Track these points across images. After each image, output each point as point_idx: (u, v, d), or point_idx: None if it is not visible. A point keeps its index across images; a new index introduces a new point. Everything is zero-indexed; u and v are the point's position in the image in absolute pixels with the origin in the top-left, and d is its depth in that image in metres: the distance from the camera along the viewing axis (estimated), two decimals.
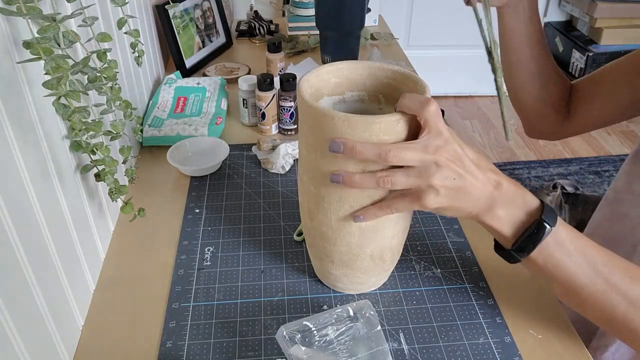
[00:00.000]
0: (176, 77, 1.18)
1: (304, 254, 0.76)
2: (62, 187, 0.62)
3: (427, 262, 0.74)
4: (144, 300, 0.69)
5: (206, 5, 1.39)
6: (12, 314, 0.48)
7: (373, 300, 0.69)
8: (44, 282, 0.56)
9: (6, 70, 0.52)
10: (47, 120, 0.60)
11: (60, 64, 0.54)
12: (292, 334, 0.56)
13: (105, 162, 0.65)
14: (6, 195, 0.49)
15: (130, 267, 0.75)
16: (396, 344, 0.63)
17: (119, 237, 0.80)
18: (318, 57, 1.39)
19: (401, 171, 0.53)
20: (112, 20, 0.87)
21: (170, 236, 0.80)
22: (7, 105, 0.51)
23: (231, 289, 0.70)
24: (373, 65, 0.63)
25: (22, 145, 0.53)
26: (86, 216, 0.70)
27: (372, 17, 1.67)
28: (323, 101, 0.64)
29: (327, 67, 0.62)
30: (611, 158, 2.38)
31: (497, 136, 2.57)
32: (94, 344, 0.64)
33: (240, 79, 1.05)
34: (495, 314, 0.66)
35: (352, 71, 0.63)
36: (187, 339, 0.64)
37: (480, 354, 0.62)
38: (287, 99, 1.02)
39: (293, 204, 0.86)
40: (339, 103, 0.65)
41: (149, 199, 0.87)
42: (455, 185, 0.53)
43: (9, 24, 0.52)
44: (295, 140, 0.99)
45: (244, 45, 1.54)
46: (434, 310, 0.67)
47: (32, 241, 0.54)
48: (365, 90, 0.64)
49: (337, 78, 0.63)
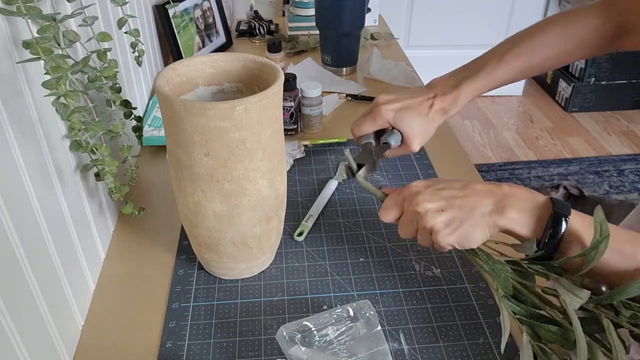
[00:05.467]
0: None
1: (304, 254, 0.76)
2: (62, 186, 0.62)
3: (427, 262, 0.74)
4: (144, 300, 0.69)
5: (206, 5, 1.39)
6: (12, 314, 0.48)
7: (373, 300, 0.69)
8: (44, 282, 0.56)
9: (6, 70, 0.51)
10: (47, 119, 0.60)
11: (60, 64, 0.54)
12: (292, 334, 0.56)
13: (105, 161, 0.65)
14: (6, 195, 0.49)
15: (130, 267, 0.75)
16: (396, 344, 0.63)
17: (119, 237, 0.80)
18: (318, 57, 1.39)
19: (399, 223, 0.62)
20: (112, 20, 0.87)
21: (170, 236, 0.80)
22: (7, 105, 0.50)
23: (231, 289, 0.70)
24: (246, 57, 0.65)
25: (22, 144, 0.53)
26: (86, 216, 0.70)
27: (372, 17, 1.67)
28: (199, 90, 0.66)
29: (201, 57, 0.65)
30: (611, 158, 2.38)
31: (497, 136, 2.57)
32: (94, 344, 0.64)
33: None
34: (495, 314, 0.66)
35: (228, 62, 0.66)
36: (187, 339, 0.64)
37: (480, 354, 0.62)
38: (286, 99, 1.01)
39: (293, 204, 0.86)
40: (218, 93, 0.67)
41: (149, 199, 0.87)
42: (449, 215, 0.56)
43: (9, 24, 0.52)
44: (295, 140, 0.99)
45: (244, 45, 1.54)
46: (434, 310, 0.67)
47: (32, 241, 0.54)
48: (242, 81, 0.67)
49: (212, 69, 0.65)
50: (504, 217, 0.55)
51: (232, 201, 0.62)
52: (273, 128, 0.61)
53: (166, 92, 0.56)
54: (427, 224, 0.57)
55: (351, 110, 1.16)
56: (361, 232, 0.80)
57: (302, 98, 1.03)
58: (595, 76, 2.65)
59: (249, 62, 0.65)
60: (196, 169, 0.59)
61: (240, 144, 0.58)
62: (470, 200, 0.57)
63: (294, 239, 0.79)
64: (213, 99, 0.67)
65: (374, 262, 0.74)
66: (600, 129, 2.62)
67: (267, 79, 0.63)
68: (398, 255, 0.76)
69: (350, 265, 0.74)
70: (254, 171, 0.61)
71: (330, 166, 0.96)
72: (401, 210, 0.61)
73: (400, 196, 0.61)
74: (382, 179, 0.92)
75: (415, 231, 0.60)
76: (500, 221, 0.56)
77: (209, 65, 0.65)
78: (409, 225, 0.60)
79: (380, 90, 1.24)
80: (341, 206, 0.86)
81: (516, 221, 0.55)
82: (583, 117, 2.73)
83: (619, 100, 2.73)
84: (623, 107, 2.76)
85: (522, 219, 0.55)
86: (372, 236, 0.79)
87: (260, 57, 0.64)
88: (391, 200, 0.62)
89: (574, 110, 2.75)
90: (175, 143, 0.59)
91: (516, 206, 0.56)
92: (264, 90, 0.57)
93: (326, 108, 1.13)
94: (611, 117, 2.72)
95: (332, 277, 0.72)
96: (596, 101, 2.73)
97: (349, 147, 0.87)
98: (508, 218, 0.55)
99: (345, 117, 1.13)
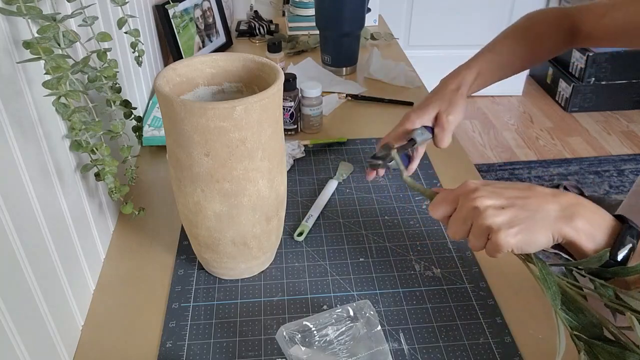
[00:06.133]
0: None
1: (304, 254, 0.76)
2: (62, 186, 0.62)
3: (427, 262, 0.74)
4: (144, 300, 0.69)
5: (206, 5, 1.39)
6: (12, 314, 0.48)
7: (373, 300, 0.69)
8: (44, 282, 0.56)
9: (6, 70, 0.51)
10: (47, 119, 0.60)
11: (60, 64, 0.54)
12: (292, 334, 0.56)
13: (105, 161, 0.65)
14: (6, 195, 0.49)
15: (130, 267, 0.75)
16: (396, 344, 0.63)
17: (119, 237, 0.80)
18: (318, 57, 1.39)
19: (450, 220, 0.56)
20: (112, 20, 0.87)
21: (170, 236, 0.80)
22: (7, 105, 0.51)
23: (231, 289, 0.70)
24: (246, 57, 0.65)
25: (22, 144, 0.53)
26: (86, 216, 0.70)
27: (372, 17, 1.67)
28: (199, 90, 0.66)
29: (201, 57, 0.64)
30: (611, 158, 2.38)
31: (497, 136, 2.57)
32: (94, 344, 0.64)
33: None
34: (495, 314, 0.66)
35: (228, 62, 0.65)
36: (187, 339, 0.64)
37: (480, 354, 0.62)
38: (286, 99, 1.01)
39: (293, 203, 0.86)
40: (218, 93, 0.67)
41: (149, 199, 0.87)
42: (511, 214, 0.51)
43: (9, 24, 0.52)
44: (295, 140, 0.99)
45: (244, 45, 1.54)
46: (434, 310, 0.67)
47: (32, 241, 0.54)
48: (242, 81, 0.66)
49: (212, 69, 0.65)
50: (572, 227, 0.50)
51: (232, 201, 0.62)
52: (273, 128, 0.61)
53: (166, 92, 0.56)
54: (486, 221, 0.51)
55: (351, 110, 1.16)
56: (361, 232, 0.80)
57: (302, 98, 1.03)
58: (595, 76, 2.65)
59: (249, 62, 0.65)
60: (196, 169, 0.59)
61: (240, 144, 0.58)
62: (534, 201, 0.52)
63: (294, 239, 0.79)
64: (213, 99, 0.67)
65: (374, 262, 0.74)
66: (600, 129, 2.62)
67: (267, 79, 0.63)
68: (398, 255, 0.76)
69: (350, 265, 0.74)
70: (254, 171, 0.61)
71: (330, 166, 0.96)
72: (454, 206, 0.56)
73: (454, 193, 0.56)
74: (382, 179, 0.92)
75: (468, 231, 0.54)
76: (566, 230, 0.50)
77: (209, 65, 0.65)
78: (462, 223, 0.54)
79: (380, 90, 1.24)
80: (341, 206, 0.86)
81: (584, 232, 0.50)
82: (583, 117, 2.73)
83: (619, 100, 2.73)
84: (623, 107, 2.76)
85: (590, 230, 0.50)
86: (372, 236, 0.79)
87: (260, 57, 0.64)
88: (444, 195, 0.57)
89: (574, 110, 2.75)
90: (175, 143, 0.59)
91: (585, 216, 0.51)
92: (264, 90, 0.57)
93: (326, 108, 1.13)
94: (611, 117, 2.72)
95: (332, 277, 0.72)
96: (596, 101, 2.73)
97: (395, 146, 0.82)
98: (576, 228, 0.50)
99: (345, 117, 1.13)
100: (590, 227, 0.50)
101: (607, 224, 0.51)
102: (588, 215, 0.51)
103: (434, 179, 0.91)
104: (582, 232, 0.50)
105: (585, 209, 0.51)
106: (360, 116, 1.13)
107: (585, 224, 0.50)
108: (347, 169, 0.94)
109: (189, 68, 0.64)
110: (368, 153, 0.99)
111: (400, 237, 0.79)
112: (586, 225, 0.50)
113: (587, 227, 0.50)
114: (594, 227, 0.51)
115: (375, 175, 0.77)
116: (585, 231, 0.50)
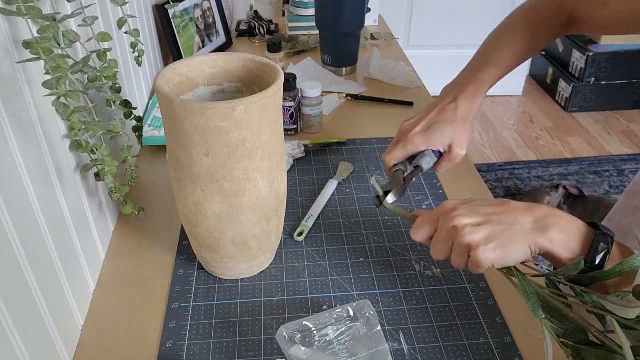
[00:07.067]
0: None
1: (304, 254, 0.76)
2: (62, 186, 0.62)
3: (427, 262, 0.74)
4: (144, 300, 0.69)
5: (206, 5, 1.39)
6: (12, 314, 0.48)
7: (373, 300, 0.69)
8: (44, 282, 0.56)
9: (6, 70, 0.51)
10: (47, 119, 0.60)
11: (60, 64, 0.54)
12: (292, 334, 0.56)
13: (105, 161, 0.65)
14: (6, 195, 0.49)
15: (130, 267, 0.75)
16: (396, 344, 0.63)
17: (119, 237, 0.80)
18: (318, 57, 1.39)
19: (432, 241, 0.58)
20: (112, 20, 0.87)
21: (170, 236, 0.80)
22: (7, 105, 0.51)
23: (231, 289, 0.70)
24: (246, 57, 0.65)
25: (22, 144, 0.53)
26: (86, 216, 0.70)
27: (372, 17, 1.67)
28: (199, 90, 0.66)
29: (201, 57, 0.64)
30: (611, 158, 2.38)
31: (497, 136, 2.57)
32: (94, 344, 0.64)
33: None
34: (495, 314, 0.66)
35: (228, 62, 0.65)
36: (187, 339, 0.64)
37: (480, 354, 0.62)
38: (286, 99, 1.01)
39: (293, 203, 0.86)
40: (218, 93, 0.67)
41: (149, 199, 0.87)
42: (488, 230, 0.53)
43: (9, 24, 0.52)
44: (295, 140, 0.99)
45: (244, 45, 1.54)
46: (434, 310, 0.67)
47: (32, 241, 0.54)
48: (242, 81, 0.66)
49: (212, 69, 0.65)
50: (546, 238, 0.52)
51: (232, 201, 0.62)
52: (273, 128, 0.61)
53: (166, 92, 0.56)
54: (465, 239, 0.53)
55: (351, 110, 1.16)
56: (361, 232, 0.80)
57: (302, 98, 1.03)
58: (595, 76, 2.65)
59: (249, 62, 0.65)
60: (196, 169, 0.59)
61: (240, 144, 0.58)
62: (509, 216, 0.54)
63: (294, 239, 0.79)
64: (213, 99, 0.67)
65: (374, 262, 0.74)
66: (600, 129, 2.62)
67: (267, 79, 0.63)
68: (398, 255, 0.76)
69: (350, 265, 0.74)
70: (254, 171, 0.61)
71: (330, 166, 0.96)
72: (434, 227, 0.58)
73: (434, 214, 0.58)
74: (382, 179, 0.92)
75: (450, 250, 0.56)
76: (542, 241, 0.52)
77: (209, 65, 0.65)
78: (443, 243, 0.56)
79: (380, 90, 1.24)
80: (341, 206, 0.86)
81: (559, 242, 0.52)
82: (583, 117, 2.73)
83: (619, 100, 2.73)
84: (623, 107, 2.76)
85: (564, 240, 0.52)
86: (372, 236, 0.79)
87: (260, 57, 0.64)
88: (424, 218, 0.59)
89: (574, 110, 2.75)
90: (175, 143, 0.59)
91: (559, 227, 0.52)
92: (264, 90, 0.57)
93: (326, 108, 1.13)
94: (611, 117, 2.72)
95: (332, 277, 0.72)
96: (596, 101, 2.73)
97: (373, 175, 0.80)
98: (551, 239, 0.52)
99: (345, 117, 1.13)
100: (564, 236, 0.52)
101: (581, 232, 0.52)
102: (562, 225, 0.52)
103: (433, 179, 0.91)
104: (557, 242, 0.52)
105: (559, 219, 0.53)
106: (360, 116, 1.13)
107: (560, 234, 0.52)
108: (347, 169, 0.94)
109: (189, 68, 0.64)
110: (368, 153, 0.99)
111: (400, 237, 0.79)
112: (560, 235, 0.52)
113: (562, 237, 0.52)
114: (568, 236, 0.52)
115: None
116: (560, 241, 0.52)
